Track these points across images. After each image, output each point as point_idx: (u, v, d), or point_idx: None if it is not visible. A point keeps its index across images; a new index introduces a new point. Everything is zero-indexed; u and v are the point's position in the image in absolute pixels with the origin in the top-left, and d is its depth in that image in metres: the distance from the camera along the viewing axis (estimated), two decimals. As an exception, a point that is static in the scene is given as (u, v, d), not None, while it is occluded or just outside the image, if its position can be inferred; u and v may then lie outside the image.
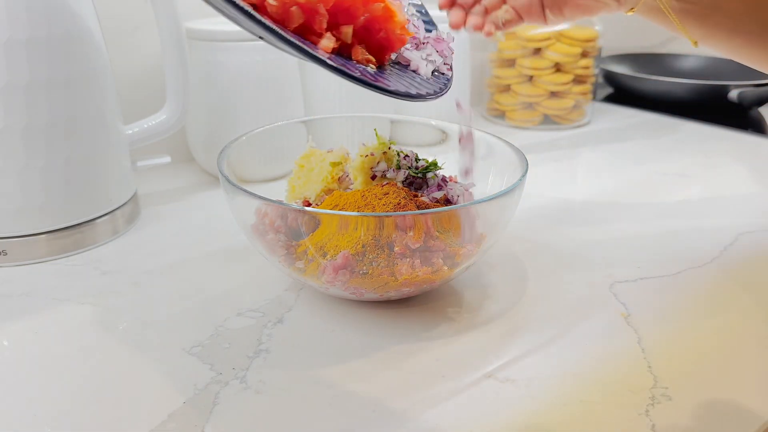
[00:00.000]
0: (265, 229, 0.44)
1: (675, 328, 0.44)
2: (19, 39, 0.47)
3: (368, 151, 0.48)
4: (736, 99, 0.96)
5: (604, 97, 1.08)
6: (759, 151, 0.83)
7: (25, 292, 0.47)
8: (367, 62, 0.38)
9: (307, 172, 0.50)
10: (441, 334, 0.43)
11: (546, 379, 0.39)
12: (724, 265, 0.53)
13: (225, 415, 0.35)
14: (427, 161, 0.50)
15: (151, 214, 0.61)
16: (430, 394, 0.37)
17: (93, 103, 0.52)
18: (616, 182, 0.71)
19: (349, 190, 0.48)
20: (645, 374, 0.39)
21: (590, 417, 0.36)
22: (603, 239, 0.57)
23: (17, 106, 0.48)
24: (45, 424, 0.35)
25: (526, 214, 0.61)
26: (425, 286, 0.43)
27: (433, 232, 0.41)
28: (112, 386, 0.37)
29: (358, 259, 0.40)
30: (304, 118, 0.56)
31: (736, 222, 0.60)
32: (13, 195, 0.49)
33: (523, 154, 0.47)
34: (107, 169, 0.54)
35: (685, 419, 0.36)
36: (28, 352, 0.41)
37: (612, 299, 0.47)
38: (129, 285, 0.48)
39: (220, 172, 0.44)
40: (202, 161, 0.69)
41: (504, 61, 0.92)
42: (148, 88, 0.70)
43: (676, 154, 0.81)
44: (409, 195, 0.45)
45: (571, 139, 0.87)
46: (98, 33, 0.53)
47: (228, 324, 0.43)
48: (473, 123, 0.48)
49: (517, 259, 0.53)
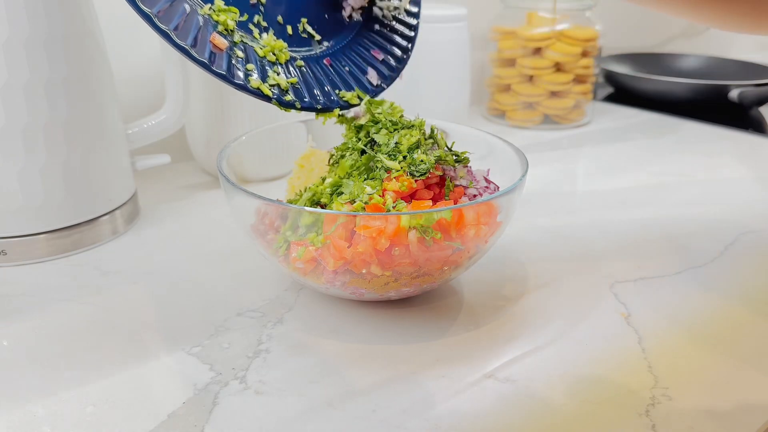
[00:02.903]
0: (265, 229, 0.44)
1: (675, 328, 0.44)
2: (19, 39, 0.47)
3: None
4: (736, 99, 0.96)
5: (605, 97, 1.08)
6: (759, 151, 0.83)
7: (24, 292, 0.47)
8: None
9: (307, 172, 0.50)
10: (441, 334, 0.43)
11: (546, 379, 0.39)
12: (724, 265, 0.53)
13: (225, 416, 0.35)
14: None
15: (151, 214, 0.61)
16: (430, 394, 0.37)
17: (93, 103, 0.52)
18: (617, 182, 0.71)
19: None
20: (645, 374, 0.39)
21: (590, 417, 0.36)
22: (603, 239, 0.57)
23: (17, 106, 0.48)
24: (45, 423, 0.35)
25: (526, 214, 0.61)
26: (425, 286, 0.43)
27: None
28: (111, 386, 0.37)
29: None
30: (304, 118, 0.56)
31: (736, 222, 0.60)
32: (13, 195, 0.49)
33: (524, 153, 0.47)
34: (107, 169, 0.54)
35: (685, 419, 0.36)
36: (28, 352, 0.41)
37: (612, 299, 0.47)
38: (129, 285, 0.48)
39: (219, 172, 0.44)
40: (202, 161, 0.69)
41: (504, 61, 0.92)
42: (148, 88, 0.70)
43: (676, 154, 0.81)
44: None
45: (571, 139, 0.87)
46: (98, 33, 0.53)
47: (228, 324, 0.43)
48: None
49: (517, 259, 0.53)
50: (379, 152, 0.44)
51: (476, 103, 0.99)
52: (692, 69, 1.15)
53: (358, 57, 0.51)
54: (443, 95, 0.81)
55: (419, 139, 0.45)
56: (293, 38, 0.48)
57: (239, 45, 0.44)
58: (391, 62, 0.51)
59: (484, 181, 0.47)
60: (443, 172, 0.45)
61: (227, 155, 0.47)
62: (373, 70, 0.50)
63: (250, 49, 0.44)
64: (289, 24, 0.48)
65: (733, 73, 1.09)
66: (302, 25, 0.48)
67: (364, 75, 0.50)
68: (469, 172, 0.47)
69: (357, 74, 0.50)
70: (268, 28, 0.46)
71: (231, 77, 0.42)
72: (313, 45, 0.49)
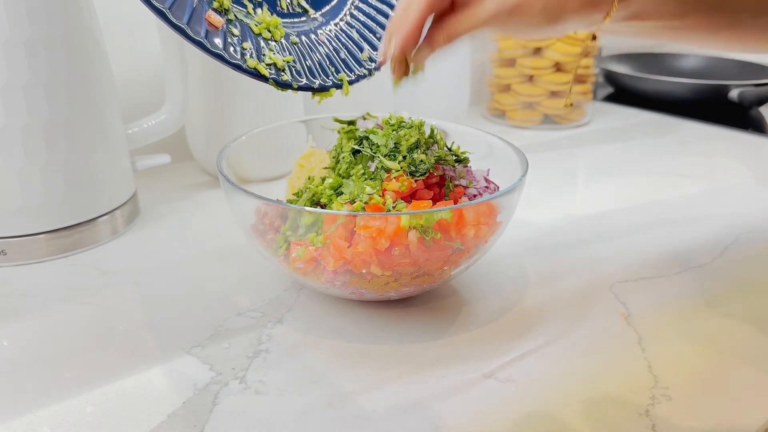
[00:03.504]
0: (264, 229, 0.44)
1: (675, 328, 0.44)
2: (19, 39, 0.47)
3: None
4: (736, 98, 0.96)
5: (605, 97, 1.08)
6: (759, 151, 0.83)
7: (24, 292, 0.47)
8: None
9: (307, 172, 0.50)
10: (441, 334, 0.43)
11: (546, 379, 0.39)
12: (724, 265, 0.53)
13: (225, 416, 0.35)
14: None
15: (151, 214, 0.61)
16: (430, 394, 0.37)
17: (93, 103, 0.52)
18: (617, 182, 0.71)
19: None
20: (645, 374, 0.39)
21: (590, 417, 0.36)
22: (603, 239, 0.57)
23: (17, 106, 0.48)
24: (44, 423, 0.35)
25: (526, 213, 0.61)
26: (425, 286, 0.43)
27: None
28: (111, 386, 0.37)
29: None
30: (304, 118, 0.56)
31: (736, 222, 0.60)
32: (13, 195, 0.49)
33: (524, 153, 0.47)
34: (107, 168, 0.54)
35: (685, 419, 0.36)
36: (28, 352, 0.41)
37: (612, 299, 0.47)
38: (129, 285, 0.48)
39: (219, 171, 0.44)
40: (202, 161, 0.69)
41: (504, 61, 0.92)
42: (148, 88, 0.70)
43: (676, 154, 0.81)
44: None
45: (571, 139, 0.87)
46: (98, 33, 0.53)
47: (228, 324, 0.43)
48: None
49: (517, 259, 0.53)
50: (378, 153, 0.44)
51: (476, 103, 0.99)
52: (692, 69, 1.15)
53: (353, 32, 0.50)
54: (443, 95, 0.81)
55: (419, 139, 0.45)
56: (286, 13, 0.47)
57: (234, 22, 0.43)
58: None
59: (484, 181, 0.47)
60: (443, 172, 0.45)
61: (227, 155, 0.47)
62: (368, 46, 0.49)
63: (245, 26, 0.43)
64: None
65: (733, 73, 1.09)
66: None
67: (360, 52, 0.49)
68: (469, 172, 0.47)
69: (353, 51, 0.49)
70: (262, 2, 0.46)
71: (227, 56, 0.42)
72: (307, 19, 0.48)
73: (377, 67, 0.50)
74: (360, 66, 0.48)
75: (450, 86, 0.81)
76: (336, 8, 0.50)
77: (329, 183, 0.44)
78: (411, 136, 0.45)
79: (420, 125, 0.47)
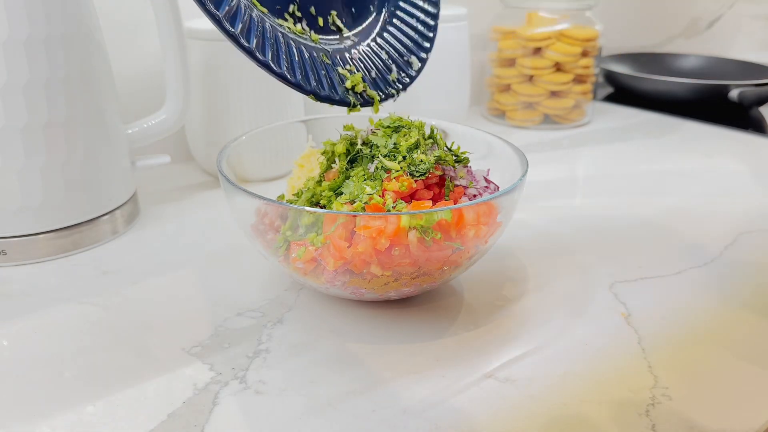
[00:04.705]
0: (265, 229, 0.44)
1: (675, 328, 0.44)
2: (18, 39, 0.47)
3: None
4: (736, 98, 0.96)
5: (605, 97, 1.08)
6: (759, 151, 0.83)
7: (24, 292, 0.47)
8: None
9: (307, 172, 0.50)
10: (441, 334, 0.43)
11: (546, 379, 0.39)
12: (724, 265, 0.53)
13: (225, 416, 0.35)
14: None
15: (151, 214, 0.61)
16: (430, 394, 0.37)
17: (93, 103, 0.52)
18: (617, 182, 0.71)
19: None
20: (645, 374, 0.39)
21: (590, 417, 0.36)
22: (603, 239, 0.57)
23: (17, 106, 0.48)
24: (44, 423, 0.35)
25: (526, 213, 0.61)
26: (425, 286, 0.43)
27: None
28: (111, 386, 0.37)
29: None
30: (304, 118, 0.56)
31: (736, 222, 0.60)
32: (13, 195, 0.49)
33: (524, 153, 0.47)
34: (107, 168, 0.54)
35: (685, 419, 0.36)
36: (28, 352, 0.41)
37: (612, 299, 0.47)
38: (129, 285, 0.48)
39: (219, 171, 0.44)
40: (202, 161, 0.69)
41: (504, 61, 0.92)
42: (148, 88, 0.70)
43: (676, 154, 0.81)
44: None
45: (571, 139, 0.87)
46: (98, 33, 0.53)
47: (228, 324, 0.43)
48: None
49: (517, 259, 0.53)
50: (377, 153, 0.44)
51: (476, 103, 0.99)
52: (692, 69, 1.15)
53: (384, 53, 0.51)
54: (443, 95, 0.81)
55: (418, 139, 0.45)
56: (323, 29, 0.49)
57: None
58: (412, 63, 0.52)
59: (484, 181, 0.47)
60: (443, 172, 0.45)
61: (227, 155, 0.47)
62: (395, 67, 0.51)
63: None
64: (321, 16, 0.48)
65: (733, 73, 1.09)
66: (332, 17, 0.49)
67: (389, 72, 0.50)
68: (469, 172, 0.47)
69: (383, 71, 0.50)
70: (302, 19, 0.47)
71: (275, 68, 0.43)
72: (340, 38, 0.49)
73: (404, 88, 0.51)
74: (388, 86, 0.50)
75: (450, 86, 0.81)
76: (368, 29, 0.52)
77: (327, 183, 0.44)
78: (411, 136, 0.45)
79: (420, 125, 0.47)
